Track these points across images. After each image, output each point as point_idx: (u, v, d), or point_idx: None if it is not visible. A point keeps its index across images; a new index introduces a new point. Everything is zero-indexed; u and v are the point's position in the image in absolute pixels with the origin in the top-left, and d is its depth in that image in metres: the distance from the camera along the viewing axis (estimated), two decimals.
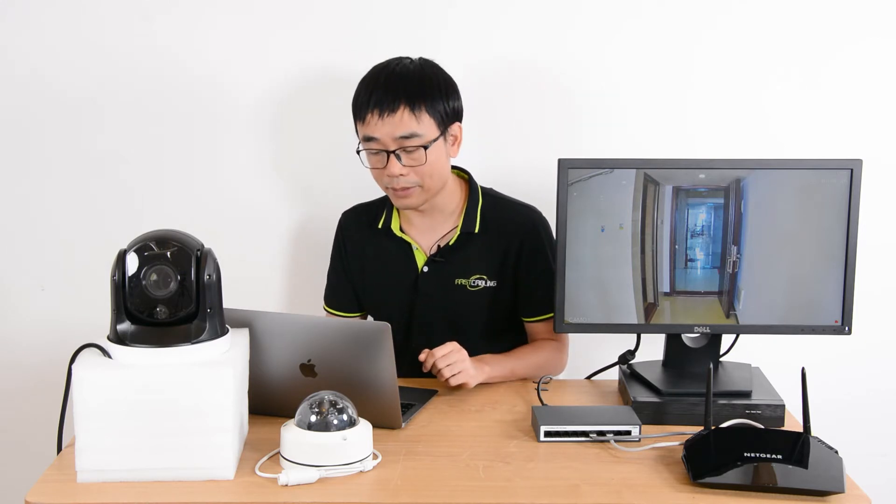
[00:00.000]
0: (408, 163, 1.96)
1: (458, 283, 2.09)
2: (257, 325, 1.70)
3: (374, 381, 1.67)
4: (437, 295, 2.09)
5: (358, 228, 2.16)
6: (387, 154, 1.95)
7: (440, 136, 1.98)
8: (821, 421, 1.85)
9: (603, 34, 2.29)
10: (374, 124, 1.94)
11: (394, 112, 1.93)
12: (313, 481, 1.50)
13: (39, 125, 2.33)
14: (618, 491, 1.51)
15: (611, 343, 2.06)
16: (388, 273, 2.12)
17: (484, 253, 2.08)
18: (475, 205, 2.09)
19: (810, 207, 1.82)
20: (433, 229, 2.10)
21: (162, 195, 2.36)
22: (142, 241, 1.54)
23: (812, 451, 1.54)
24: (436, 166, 1.98)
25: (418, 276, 2.10)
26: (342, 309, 2.20)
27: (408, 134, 1.94)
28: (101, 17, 2.28)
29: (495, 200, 2.12)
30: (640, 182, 1.83)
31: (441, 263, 2.08)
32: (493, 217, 2.09)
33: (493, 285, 2.09)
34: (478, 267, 2.09)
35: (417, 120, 1.94)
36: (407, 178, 1.97)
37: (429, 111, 1.95)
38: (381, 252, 2.13)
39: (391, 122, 1.93)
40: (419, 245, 2.10)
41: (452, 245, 2.08)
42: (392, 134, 1.94)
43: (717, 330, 1.88)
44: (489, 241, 2.08)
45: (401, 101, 1.93)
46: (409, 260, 2.10)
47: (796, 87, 2.30)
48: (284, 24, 2.29)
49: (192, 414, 1.49)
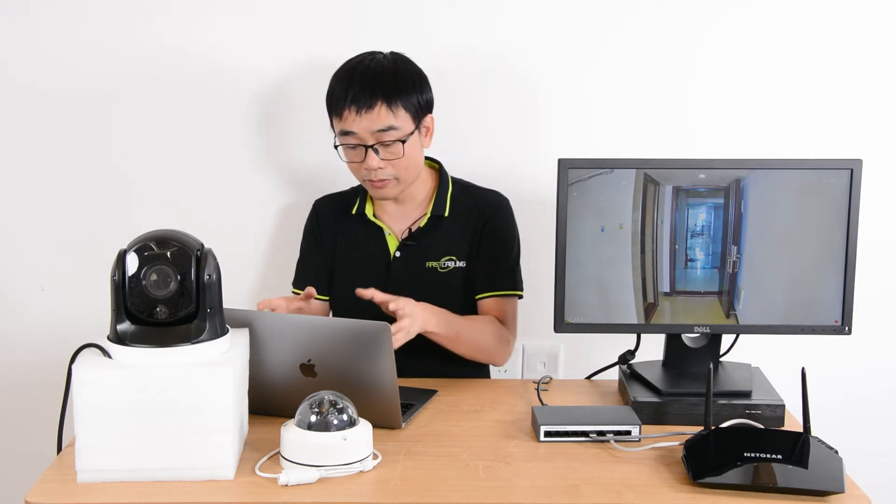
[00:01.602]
0: (385, 156, 1.99)
1: (429, 266, 2.10)
2: (257, 325, 1.70)
3: (374, 381, 1.67)
4: (409, 279, 2.10)
5: (332, 213, 2.19)
6: (364, 148, 1.98)
7: (415, 129, 2.01)
8: (821, 421, 1.85)
9: (603, 34, 2.29)
10: (352, 120, 1.97)
11: (371, 108, 1.95)
12: (313, 481, 1.50)
13: (39, 125, 2.33)
14: (618, 491, 1.51)
15: (611, 343, 2.06)
16: (361, 258, 2.15)
17: (453, 234, 2.11)
18: (445, 191, 2.13)
19: (810, 207, 1.82)
20: (405, 215, 2.13)
21: (162, 195, 2.36)
22: (142, 241, 1.54)
23: (812, 451, 1.54)
24: (412, 159, 2.02)
25: (390, 261, 2.12)
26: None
27: (385, 127, 1.97)
28: (100, 17, 2.28)
29: (464, 188, 2.16)
30: (640, 182, 1.83)
31: (412, 247, 2.11)
32: (462, 201, 2.13)
33: (463, 265, 2.11)
34: (447, 248, 2.11)
35: (394, 115, 1.97)
36: (384, 171, 2.00)
37: (405, 105, 1.98)
38: (353, 238, 2.16)
39: (369, 118, 1.96)
40: (391, 230, 2.13)
41: (423, 228, 2.11)
42: (370, 128, 1.96)
43: (717, 330, 1.88)
44: (458, 224, 2.11)
45: (378, 96, 1.96)
46: (382, 245, 2.13)
47: (796, 87, 2.30)
48: (284, 24, 2.29)
49: (192, 414, 1.49)
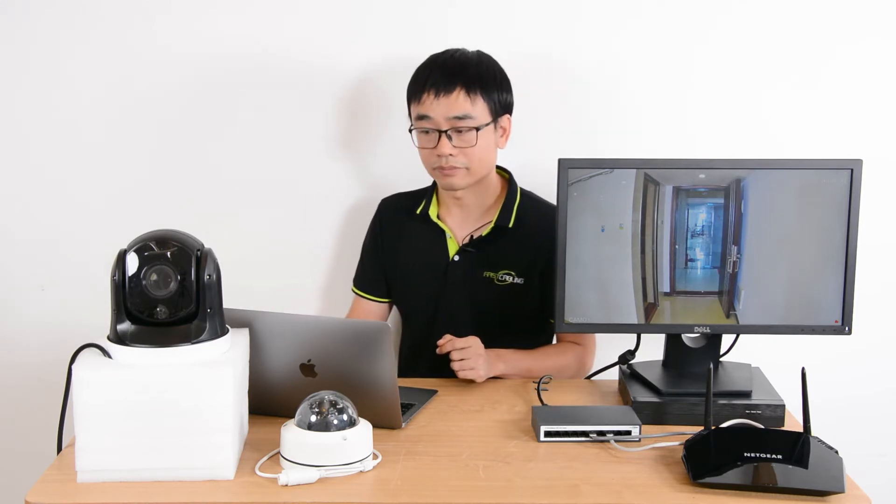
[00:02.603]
0: (458, 144, 1.99)
1: (486, 276, 2.10)
2: (257, 325, 1.70)
3: (374, 381, 1.67)
4: (464, 285, 2.10)
5: (396, 213, 2.20)
6: (438, 134, 1.99)
7: (492, 122, 2.02)
8: (821, 421, 1.84)
9: (603, 34, 2.29)
10: (430, 104, 1.98)
11: (450, 93, 1.97)
12: (313, 481, 1.50)
13: (38, 125, 2.33)
14: (618, 491, 1.50)
15: (611, 343, 2.06)
16: (420, 258, 2.15)
17: (515, 249, 2.10)
18: (512, 202, 2.11)
19: (810, 207, 1.82)
20: (469, 221, 2.13)
21: (162, 195, 2.36)
22: (142, 241, 1.54)
23: (812, 451, 1.54)
24: (485, 151, 2.02)
25: (448, 263, 2.11)
26: (370, 292, 2.22)
27: (461, 115, 1.98)
28: (99, 17, 2.28)
29: (533, 201, 2.15)
30: (641, 182, 1.83)
31: (471, 254, 2.10)
32: (528, 216, 2.11)
33: (521, 283, 2.10)
34: (507, 262, 2.10)
35: (472, 103, 1.98)
36: (455, 159, 2.00)
37: (483, 97, 2.00)
38: (415, 237, 2.16)
39: (446, 103, 1.97)
40: (453, 233, 2.13)
41: (485, 237, 2.10)
42: (446, 114, 1.98)
43: (717, 330, 1.88)
44: (521, 239, 2.10)
45: (458, 83, 1.98)
46: (442, 247, 2.12)
47: (796, 87, 2.30)
48: (283, 24, 2.29)
49: (192, 414, 1.49)
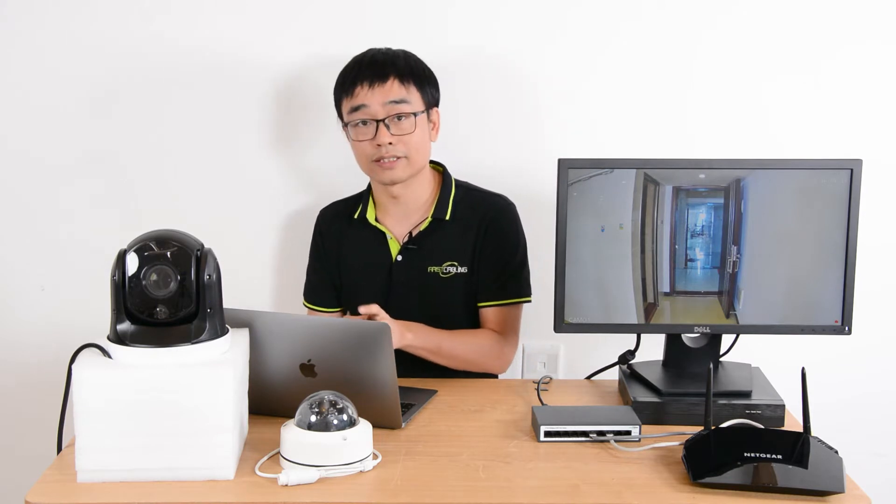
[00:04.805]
0: (396, 132, 2.00)
1: (431, 271, 2.10)
2: (257, 325, 1.70)
3: (374, 381, 1.67)
4: (411, 283, 2.10)
5: (334, 222, 2.19)
6: (375, 124, 1.99)
7: (425, 111, 2.03)
8: (821, 421, 1.85)
9: (603, 34, 2.29)
10: (364, 94, 1.99)
11: (384, 82, 1.99)
12: (313, 481, 1.50)
13: (39, 125, 2.33)
14: (618, 491, 1.50)
15: (611, 343, 2.06)
16: (364, 262, 2.15)
17: (455, 240, 2.10)
18: (448, 194, 2.12)
19: (810, 207, 1.82)
20: (407, 218, 2.13)
21: (162, 195, 2.36)
22: (142, 241, 1.54)
23: (812, 451, 1.54)
24: (421, 140, 2.03)
25: (392, 264, 2.11)
26: (320, 303, 2.22)
27: (398, 99, 1.99)
28: (99, 16, 2.28)
29: (467, 191, 2.15)
30: (640, 182, 1.83)
31: (414, 251, 2.10)
32: (465, 205, 2.12)
33: (465, 271, 2.10)
34: (449, 254, 2.10)
35: (406, 90, 2.00)
36: (395, 148, 2.00)
37: (416, 86, 2.02)
38: (356, 243, 2.16)
39: (381, 91, 1.99)
40: (393, 234, 2.12)
41: (424, 231, 2.10)
42: (382, 100, 1.99)
43: (717, 330, 1.88)
44: (460, 229, 2.10)
45: (390, 73, 2.00)
46: (384, 249, 2.12)
47: (796, 87, 2.30)
48: (282, 23, 2.29)
49: (192, 414, 1.49)
